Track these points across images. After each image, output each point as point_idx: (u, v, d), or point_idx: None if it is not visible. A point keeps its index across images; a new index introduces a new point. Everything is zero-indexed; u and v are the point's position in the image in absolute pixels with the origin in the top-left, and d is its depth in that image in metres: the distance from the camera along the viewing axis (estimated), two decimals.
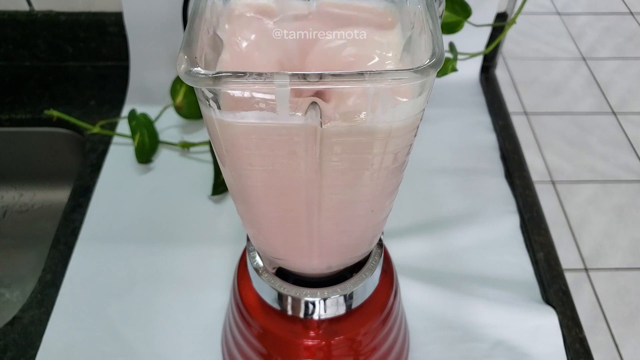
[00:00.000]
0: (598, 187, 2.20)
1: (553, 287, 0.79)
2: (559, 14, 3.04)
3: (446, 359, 0.72)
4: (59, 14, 1.03)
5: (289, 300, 0.55)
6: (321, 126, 0.36)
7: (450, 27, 0.85)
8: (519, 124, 2.42)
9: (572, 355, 0.73)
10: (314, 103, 0.35)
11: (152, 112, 0.96)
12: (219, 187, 0.88)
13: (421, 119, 0.40)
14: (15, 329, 0.74)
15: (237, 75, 0.33)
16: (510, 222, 0.87)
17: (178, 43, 1.00)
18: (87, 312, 0.76)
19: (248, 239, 0.58)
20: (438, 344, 0.74)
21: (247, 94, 0.35)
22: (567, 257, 1.98)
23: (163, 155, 0.96)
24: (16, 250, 1.03)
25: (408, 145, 0.42)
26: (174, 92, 0.94)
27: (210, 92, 0.35)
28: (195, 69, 0.33)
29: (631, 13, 3.05)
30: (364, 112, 0.37)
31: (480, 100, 1.07)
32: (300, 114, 0.36)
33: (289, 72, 0.33)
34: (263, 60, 0.42)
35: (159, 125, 0.97)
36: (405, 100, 0.37)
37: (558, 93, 2.58)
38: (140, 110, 0.95)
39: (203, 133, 0.99)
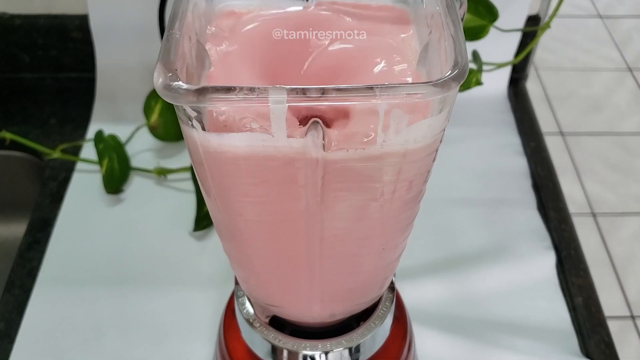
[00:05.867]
0: None
1: (594, 338, 0.79)
2: (600, 17, 3.05)
3: None
4: (13, 16, 1.04)
5: (285, 354, 0.55)
6: (324, 150, 0.36)
7: (473, 33, 0.85)
8: (553, 146, 2.42)
9: None
10: (315, 123, 0.35)
11: (122, 133, 0.97)
12: (203, 221, 0.88)
13: (440, 141, 0.40)
14: None
15: (225, 90, 0.33)
16: (543, 261, 0.87)
17: (153, 51, 1.01)
18: None
19: (237, 283, 0.58)
20: None
21: (236, 112, 0.35)
22: (610, 302, 1.98)
23: (135, 184, 0.96)
24: None
25: (425, 171, 0.42)
26: (147, 109, 0.94)
27: (193, 110, 0.35)
28: (176, 83, 0.33)
29: None
30: (374, 133, 0.37)
31: (508, 118, 1.08)
32: (299, 136, 0.36)
33: (286, 87, 0.33)
34: (254, 70, 0.42)
35: (130, 149, 0.98)
36: (422, 118, 0.37)
37: (599, 110, 2.59)
38: (108, 130, 0.95)
39: (183, 157, 0.99)
